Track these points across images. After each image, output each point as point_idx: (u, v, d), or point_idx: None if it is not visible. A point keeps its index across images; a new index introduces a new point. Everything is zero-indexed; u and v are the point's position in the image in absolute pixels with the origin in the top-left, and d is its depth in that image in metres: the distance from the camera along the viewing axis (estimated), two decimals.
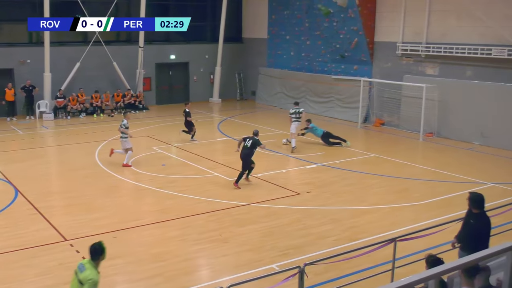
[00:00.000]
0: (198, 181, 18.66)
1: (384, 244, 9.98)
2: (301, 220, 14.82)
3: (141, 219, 14.90)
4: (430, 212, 15.27)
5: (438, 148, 24.31)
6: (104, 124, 29.24)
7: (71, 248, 12.82)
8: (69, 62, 32.17)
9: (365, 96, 29.41)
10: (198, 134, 26.20)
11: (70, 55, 32.41)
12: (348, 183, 18.58)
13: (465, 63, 25.29)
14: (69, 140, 25.27)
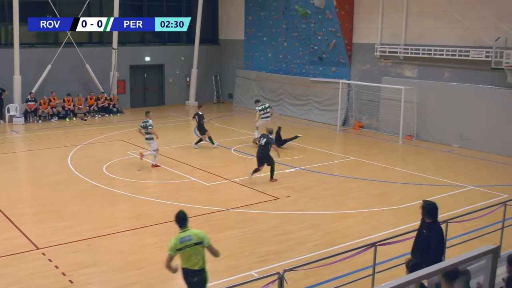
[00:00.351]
0: (174, 186, 18.60)
1: (364, 249, 10.03)
2: (280, 225, 14.84)
3: (116, 226, 14.81)
4: (410, 216, 15.32)
5: (417, 151, 24.52)
6: (77, 129, 29.02)
7: (43, 257, 12.69)
8: (39, 64, 31.91)
9: (344, 99, 29.56)
10: (174, 138, 26.16)
11: (40, 57, 32.16)
12: (327, 187, 18.65)
13: (443, 65, 25.56)
14: (41, 145, 25.04)
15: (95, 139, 26.30)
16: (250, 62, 36.82)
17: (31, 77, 31.57)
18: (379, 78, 28.05)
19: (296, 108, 33.04)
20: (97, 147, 24.76)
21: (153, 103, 37.11)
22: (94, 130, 28.52)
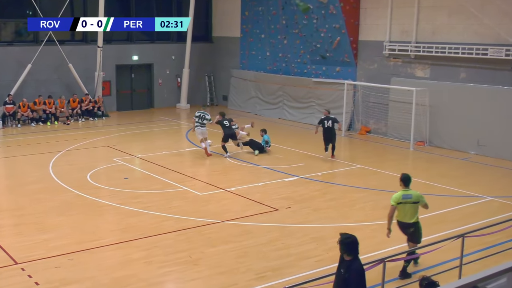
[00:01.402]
0: (164, 196, 18.56)
1: (372, 265, 9.99)
2: (279, 239, 14.78)
3: (101, 239, 14.74)
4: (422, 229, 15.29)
5: (430, 158, 24.50)
6: (58, 134, 28.96)
7: (23, 273, 12.62)
8: (18, 64, 31.88)
9: (349, 101, 29.57)
10: (164, 144, 26.15)
11: (19, 56, 32.14)
12: (331, 197, 18.60)
13: (458, 64, 25.56)
14: (20, 151, 24.98)
15: (79, 144, 26.25)
16: (246, 62, 36.82)
17: (10, 77, 31.53)
18: (387, 79, 28.06)
19: (297, 112, 33.03)
20: (80, 153, 24.70)
21: (141, 106, 37.08)
22: (77, 135, 28.48)
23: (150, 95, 37.79)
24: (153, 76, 37.56)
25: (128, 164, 22.71)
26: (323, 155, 24.00)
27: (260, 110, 34.90)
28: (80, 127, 31.24)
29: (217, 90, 39.73)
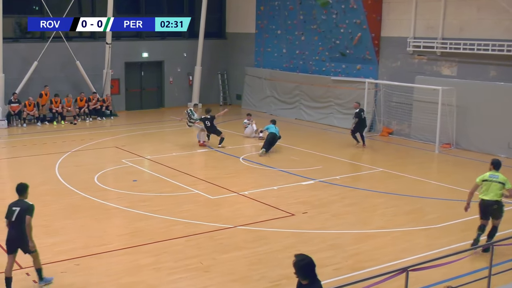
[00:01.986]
0: (174, 199, 18.56)
1: (393, 274, 9.90)
2: (295, 245, 14.72)
3: (108, 243, 14.76)
4: (447, 237, 15.25)
5: (457, 161, 24.35)
6: (65, 134, 29.08)
7: (28, 278, 12.66)
8: (24, 62, 32.07)
9: (370, 101, 29.46)
10: (174, 145, 26.17)
11: (25, 53, 32.32)
12: (350, 202, 18.53)
13: (488, 61, 25.39)
14: (25, 151, 25.11)
15: (86, 145, 26.33)
16: (261, 59, 36.80)
17: (15, 75, 31.68)
18: (411, 77, 27.92)
19: (315, 112, 32.95)
20: (87, 154, 24.78)
21: (151, 105, 37.14)
22: (84, 135, 28.57)
23: (160, 93, 37.85)
24: (164, 74, 37.63)
25: (137, 165, 22.74)
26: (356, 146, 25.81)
27: (275, 110, 34.83)
28: (87, 127, 31.35)
29: (230, 89, 39.75)
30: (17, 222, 11.95)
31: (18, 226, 11.94)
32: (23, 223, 11.87)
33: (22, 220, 11.88)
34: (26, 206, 12.01)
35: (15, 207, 12.05)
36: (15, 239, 12.05)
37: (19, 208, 12.01)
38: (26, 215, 11.86)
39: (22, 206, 12.03)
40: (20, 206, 12.03)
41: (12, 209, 12.04)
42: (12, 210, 12.04)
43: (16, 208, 12.02)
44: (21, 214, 11.92)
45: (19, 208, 12.01)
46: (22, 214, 11.91)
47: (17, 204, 12.11)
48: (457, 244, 14.52)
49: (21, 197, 12.28)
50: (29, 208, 11.95)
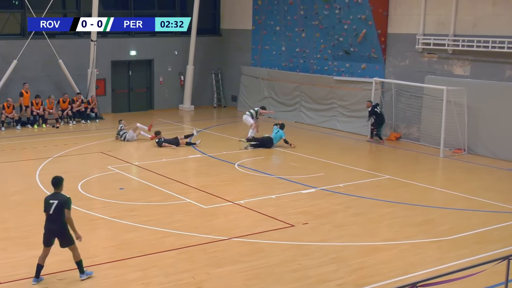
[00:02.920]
0: (165, 209, 18.53)
1: None
2: (295, 259, 14.71)
3: (93, 257, 14.69)
4: (460, 250, 15.23)
5: (470, 168, 24.35)
6: (46, 138, 29.03)
7: None
8: (2, 60, 32.07)
9: (377, 102, 29.43)
10: (165, 151, 26.14)
11: (4, 50, 32.30)
12: (355, 212, 18.51)
13: (503, 60, 25.41)
14: (4, 157, 25.03)
15: (69, 150, 26.28)
16: (259, 58, 36.83)
17: None
18: (421, 77, 27.95)
19: (316, 114, 32.94)
20: (71, 160, 24.74)
21: (140, 107, 37.12)
22: (67, 140, 28.52)
23: (149, 95, 37.86)
24: (153, 74, 37.65)
25: (124, 172, 22.73)
26: (376, 141, 27.31)
27: (274, 113, 34.81)
28: (71, 130, 31.30)
29: (225, 90, 39.77)
30: (55, 215, 12.95)
31: (56, 219, 12.98)
32: (61, 217, 12.94)
33: (60, 214, 12.93)
34: (64, 199, 13.00)
35: (53, 200, 13.00)
36: (53, 232, 13.08)
37: (56, 201, 12.96)
38: (64, 208, 12.90)
39: (59, 199, 13.01)
40: (57, 199, 12.99)
41: (50, 202, 12.99)
42: (49, 203, 12.99)
43: (54, 201, 12.97)
44: (58, 207, 12.91)
45: (56, 201, 12.96)
46: (59, 208, 12.91)
47: (54, 197, 13.05)
48: (471, 258, 14.50)
49: (57, 190, 13.20)
50: (67, 202, 12.98)
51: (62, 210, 12.91)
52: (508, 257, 11.02)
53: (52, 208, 12.92)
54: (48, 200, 13.07)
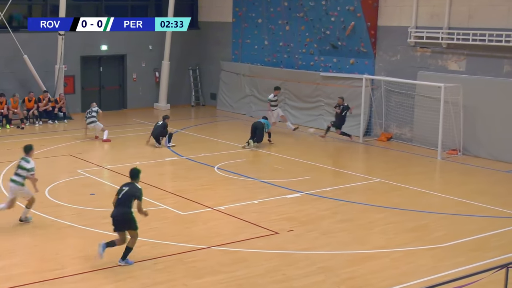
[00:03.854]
0: (139, 216, 18.44)
1: None
2: (279, 268, 14.74)
3: (63, 268, 14.67)
4: (456, 258, 15.31)
5: (466, 170, 24.49)
6: (11, 140, 28.88)
7: None
8: None
9: (366, 100, 29.54)
10: (139, 153, 26.11)
11: None
12: (343, 218, 18.56)
13: (501, 54, 25.54)
14: None
15: (35, 153, 25.86)
16: (239, 52, 36.85)
17: None
18: (413, 73, 28.08)
19: (302, 113, 33.00)
20: (37, 163, 24.24)
21: (112, 106, 36.98)
22: (33, 142, 27.94)
23: (122, 93, 37.79)
24: (126, 70, 37.60)
25: (95, 177, 22.70)
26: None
27: (256, 112, 34.80)
28: (37, 131, 31.20)
29: (203, 87, 39.75)
30: (122, 201, 14.75)
31: (122, 204, 14.74)
32: (128, 204, 14.72)
33: (127, 201, 14.72)
34: (135, 189, 14.84)
35: (125, 187, 14.91)
36: (120, 217, 14.77)
37: (127, 188, 14.83)
38: (134, 199, 14.71)
39: (131, 188, 14.85)
40: (128, 187, 14.86)
41: (122, 188, 14.92)
42: (121, 189, 14.92)
43: (125, 188, 14.86)
44: (127, 194, 14.73)
45: (127, 188, 14.83)
46: (128, 195, 14.72)
47: (127, 185, 14.94)
48: (467, 266, 14.58)
49: (133, 181, 15.05)
50: (138, 192, 14.80)
51: (129, 199, 14.68)
52: (507, 265, 11.11)
53: (122, 194, 14.76)
54: (121, 186, 15.02)
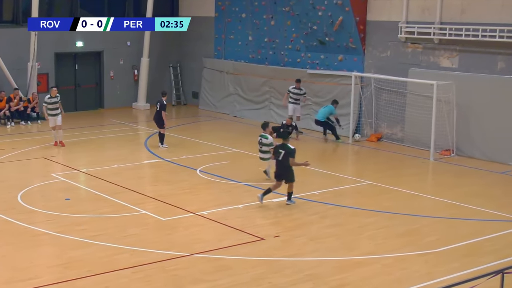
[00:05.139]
0: (117, 222, 18.47)
1: None
2: (265, 276, 14.74)
3: (36, 277, 14.60)
4: (449, 264, 15.34)
5: (459, 171, 24.57)
6: None
7: None
8: None
9: (356, 99, 29.59)
10: (117, 155, 26.07)
11: None
12: (332, 223, 18.58)
13: (495, 50, 25.65)
14: None
15: (7, 156, 26.09)
16: (223, 49, 36.85)
17: None
18: (404, 70, 28.13)
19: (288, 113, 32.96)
20: (9, 167, 24.56)
21: (88, 106, 36.93)
22: (5, 144, 28.30)
23: (99, 91, 37.70)
24: (103, 68, 37.55)
25: (70, 181, 22.60)
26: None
27: (240, 111, 34.86)
28: (8, 133, 31.13)
29: (185, 86, 39.75)
30: (282, 161, 19.44)
31: (282, 164, 19.48)
32: (286, 162, 19.34)
33: (285, 160, 19.33)
34: (289, 150, 19.36)
35: (281, 149, 19.48)
36: (281, 173, 19.63)
37: (284, 151, 19.35)
38: (289, 157, 19.27)
39: (286, 149, 19.37)
40: (284, 150, 19.38)
41: (279, 151, 19.54)
42: (278, 151, 19.57)
43: (282, 150, 19.41)
44: (285, 155, 19.32)
45: (284, 151, 19.35)
46: (285, 156, 19.31)
47: (282, 147, 19.52)
48: (461, 272, 14.62)
49: (284, 142, 19.77)
50: (292, 151, 19.32)
51: (286, 158, 19.25)
52: (502, 271, 11.15)
53: (281, 156, 19.36)
54: (277, 149, 19.72)
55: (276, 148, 19.81)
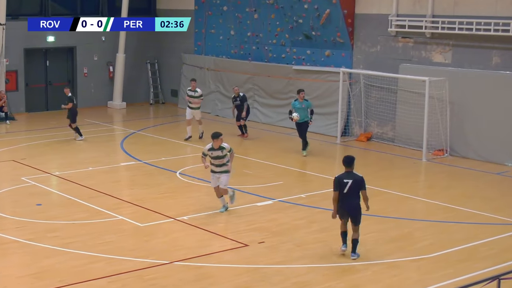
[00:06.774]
0: (92, 228, 18.42)
1: None
2: (250, 285, 14.76)
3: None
4: (443, 270, 15.40)
5: (453, 172, 24.69)
6: None
7: None
8: None
9: (344, 96, 29.64)
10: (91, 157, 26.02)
11: None
12: (320, 228, 18.59)
13: (490, 45, 25.77)
14: None
15: None
16: (203, 44, 36.85)
17: None
18: (395, 66, 28.24)
19: (272, 112, 33.05)
20: None
21: (60, 105, 36.62)
22: None
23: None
24: (76, 64, 37.49)
25: (42, 185, 22.55)
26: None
27: (221, 110, 34.86)
28: None
29: (163, 83, 39.72)
30: (349, 194, 15.76)
31: (349, 197, 15.80)
32: (356, 195, 15.80)
33: (354, 192, 15.77)
34: (359, 179, 15.83)
35: (347, 179, 15.81)
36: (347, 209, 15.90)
37: (351, 180, 15.76)
38: (361, 190, 15.80)
39: (354, 178, 15.82)
40: (352, 179, 15.80)
41: (344, 182, 15.79)
42: (343, 182, 15.79)
43: (348, 180, 15.77)
44: (353, 186, 15.72)
45: (351, 180, 15.76)
46: (354, 187, 15.72)
47: (348, 177, 15.85)
48: (456, 279, 14.69)
49: (348, 169, 15.99)
50: (363, 182, 15.81)
51: (356, 189, 15.72)
52: (499, 277, 11.20)
53: (347, 187, 15.70)
54: (342, 180, 15.82)
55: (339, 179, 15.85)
